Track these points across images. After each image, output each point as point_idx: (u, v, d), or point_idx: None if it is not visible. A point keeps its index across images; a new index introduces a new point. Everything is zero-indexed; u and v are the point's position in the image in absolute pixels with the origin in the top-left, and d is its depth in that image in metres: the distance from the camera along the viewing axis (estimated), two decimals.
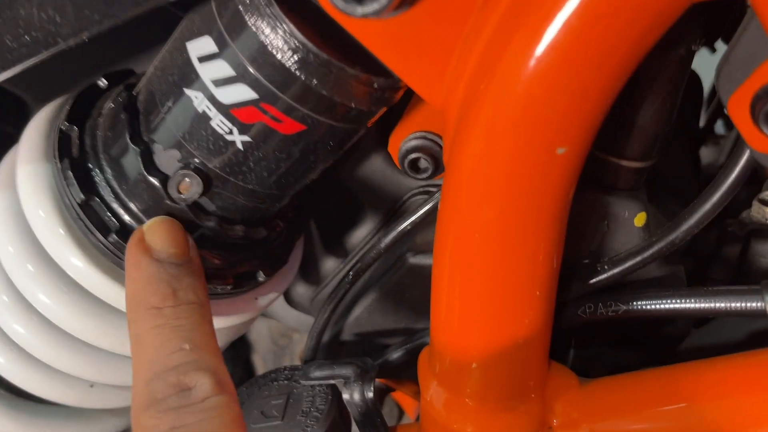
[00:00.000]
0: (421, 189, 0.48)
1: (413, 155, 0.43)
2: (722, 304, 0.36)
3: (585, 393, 0.39)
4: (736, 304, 0.36)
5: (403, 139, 0.43)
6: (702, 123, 0.72)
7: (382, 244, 0.42)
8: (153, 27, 0.44)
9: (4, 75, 0.41)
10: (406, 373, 0.48)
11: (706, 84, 0.69)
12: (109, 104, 0.41)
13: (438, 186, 0.47)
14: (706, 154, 0.73)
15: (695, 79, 0.60)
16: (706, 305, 0.37)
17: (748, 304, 0.36)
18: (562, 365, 0.40)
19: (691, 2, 0.28)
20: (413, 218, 0.41)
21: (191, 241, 0.37)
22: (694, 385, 0.36)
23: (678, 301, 0.37)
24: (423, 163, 0.43)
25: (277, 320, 0.70)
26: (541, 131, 0.30)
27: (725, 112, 0.33)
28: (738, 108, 0.32)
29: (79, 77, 0.52)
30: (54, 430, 0.51)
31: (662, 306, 0.38)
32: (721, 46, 0.59)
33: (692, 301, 0.37)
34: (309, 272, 0.54)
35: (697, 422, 0.35)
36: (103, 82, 0.43)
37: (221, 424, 0.30)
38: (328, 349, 0.49)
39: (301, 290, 0.55)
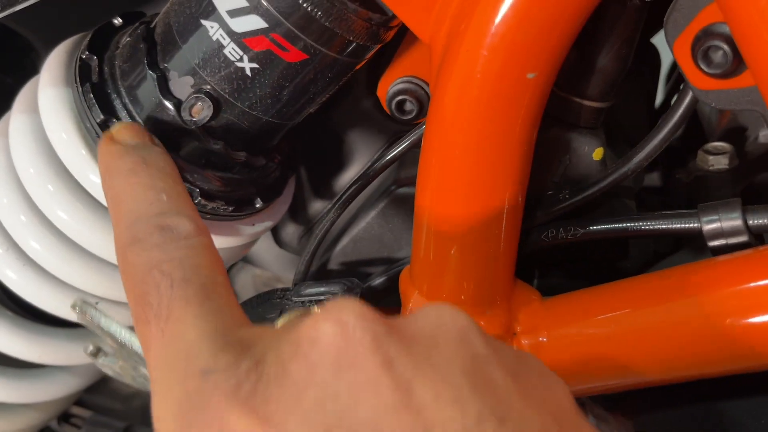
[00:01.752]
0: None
1: (400, 97, 0.48)
2: (665, 226, 0.42)
3: (545, 305, 0.44)
4: (676, 225, 0.42)
5: (391, 83, 0.48)
6: (659, 101, 0.78)
7: (370, 172, 0.47)
8: None
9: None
10: (386, 299, 0.53)
11: (665, 64, 0.75)
12: (126, 38, 0.45)
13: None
14: None
15: (654, 52, 0.65)
16: (652, 227, 0.42)
17: (687, 225, 0.41)
18: (526, 283, 0.45)
19: None
20: (401, 147, 0.46)
21: (157, 140, 0.40)
22: (639, 292, 0.41)
23: (628, 224, 0.43)
24: (408, 105, 0.48)
25: (262, 267, 0.74)
26: (514, 57, 0.35)
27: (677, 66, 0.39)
28: (681, 49, 0.38)
29: (86, 22, 0.56)
30: (55, 350, 0.55)
31: (614, 228, 0.43)
32: None
33: (640, 224, 0.43)
34: (298, 213, 0.59)
35: (642, 323, 0.40)
36: (118, 20, 0.47)
37: (208, 260, 0.31)
38: (316, 278, 0.54)
39: (290, 230, 0.60)
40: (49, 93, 0.45)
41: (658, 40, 0.66)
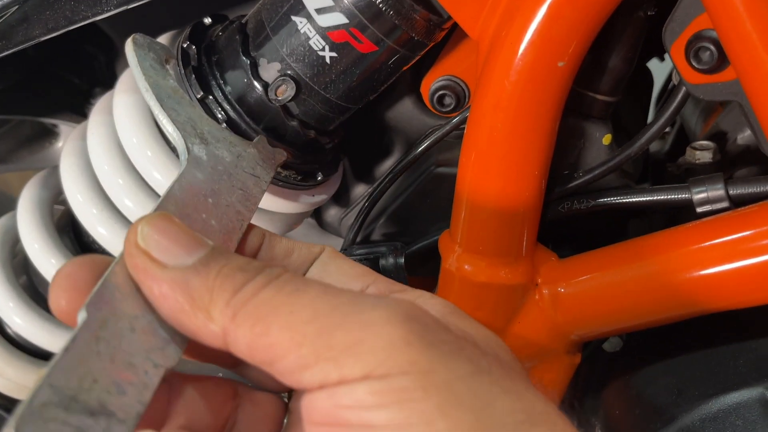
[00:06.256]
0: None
1: (441, 92, 0.57)
2: (662, 197, 0.51)
3: (562, 263, 0.53)
4: (671, 197, 0.51)
5: (434, 80, 0.58)
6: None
7: (417, 152, 0.56)
8: None
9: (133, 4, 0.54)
10: (421, 269, 0.61)
11: (657, 86, 0.86)
12: (218, 33, 0.54)
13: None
14: (652, 145, 0.89)
15: (648, 73, 0.76)
16: (651, 198, 0.52)
17: (679, 196, 0.51)
18: (545, 246, 0.54)
19: None
20: (442, 132, 0.55)
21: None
22: (640, 250, 0.50)
23: (631, 196, 0.52)
24: (448, 100, 0.58)
25: None
26: (549, 48, 0.44)
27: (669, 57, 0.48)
28: (677, 52, 0.48)
29: (161, 26, 0.65)
30: None
31: (619, 200, 0.52)
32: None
33: (641, 195, 0.52)
34: (340, 196, 0.67)
35: (643, 274, 0.49)
36: (208, 20, 0.56)
37: None
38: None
39: (333, 212, 0.68)
40: None
41: (651, 65, 0.77)
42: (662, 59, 0.81)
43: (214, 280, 0.30)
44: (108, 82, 0.73)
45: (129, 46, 0.42)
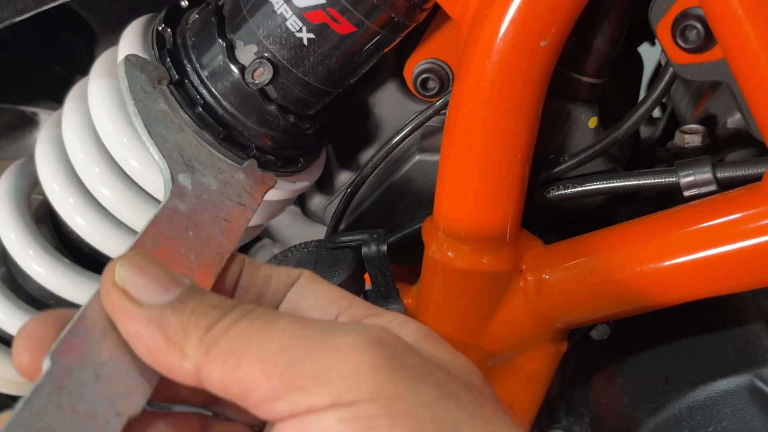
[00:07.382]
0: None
1: (424, 75, 0.56)
2: (648, 181, 0.50)
3: (547, 249, 0.52)
4: (658, 180, 0.50)
5: (417, 63, 0.57)
6: None
7: (399, 137, 0.55)
8: None
9: None
10: (402, 257, 0.60)
11: (647, 72, 0.84)
12: (195, 15, 0.53)
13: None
14: (643, 131, 0.88)
15: (638, 58, 0.75)
16: (637, 182, 0.50)
17: (666, 180, 0.49)
18: (530, 233, 0.53)
19: None
20: (426, 115, 0.54)
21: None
22: (624, 236, 0.49)
23: (617, 180, 0.51)
24: (431, 83, 0.56)
25: (282, 243, 0.81)
26: (531, 27, 0.43)
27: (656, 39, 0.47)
28: (663, 31, 0.46)
29: (138, 9, 0.63)
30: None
31: (605, 185, 0.51)
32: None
33: (627, 179, 0.51)
34: (324, 184, 0.66)
35: (626, 261, 0.48)
36: (185, 2, 0.55)
37: None
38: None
39: (317, 200, 0.67)
40: None
41: (642, 49, 0.76)
42: (653, 44, 0.80)
43: (188, 318, 0.31)
44: (88, 69, 0.72)
45: (120, 68, 0.42)
